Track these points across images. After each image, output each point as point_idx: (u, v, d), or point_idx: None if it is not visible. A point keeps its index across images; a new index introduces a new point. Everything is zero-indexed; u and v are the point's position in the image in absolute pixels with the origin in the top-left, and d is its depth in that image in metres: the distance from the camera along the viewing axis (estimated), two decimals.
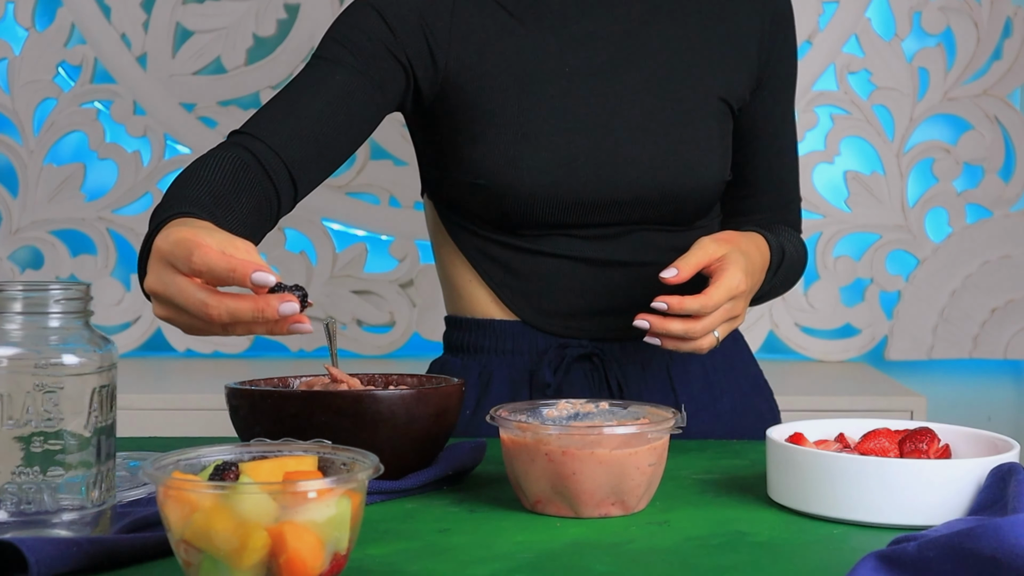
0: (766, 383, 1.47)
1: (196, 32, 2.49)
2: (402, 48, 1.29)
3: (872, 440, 1.01)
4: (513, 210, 1.30)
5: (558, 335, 1.35)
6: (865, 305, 2.51)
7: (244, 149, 1.20)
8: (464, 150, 1.31)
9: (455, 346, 1.41)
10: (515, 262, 1.35)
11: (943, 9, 2.47)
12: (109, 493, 0.85)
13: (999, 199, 2.48)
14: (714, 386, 1.39)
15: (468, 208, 1.34)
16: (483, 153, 1.29)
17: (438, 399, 1.05)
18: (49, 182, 2.47)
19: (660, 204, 1.32)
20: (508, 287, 1.35)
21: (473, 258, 1.37)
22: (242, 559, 0.72)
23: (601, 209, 1.31)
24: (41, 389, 0.81)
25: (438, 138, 1.35)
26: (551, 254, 1.34)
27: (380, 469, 0.78)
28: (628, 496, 0.97)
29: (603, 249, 1.33)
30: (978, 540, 0.70)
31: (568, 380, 1.34)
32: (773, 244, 1.31)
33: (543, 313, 1.35)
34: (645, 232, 1.34)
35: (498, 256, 1.35)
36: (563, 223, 1.32)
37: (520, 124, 1.29)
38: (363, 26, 1.29)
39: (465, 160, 1.31)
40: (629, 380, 1.35)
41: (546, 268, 1.34)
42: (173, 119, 2.48)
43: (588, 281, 1.34)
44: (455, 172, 1.32)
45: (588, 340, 1.35)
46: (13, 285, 0.83)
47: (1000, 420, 2.53)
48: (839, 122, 2.49)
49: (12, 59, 2.47)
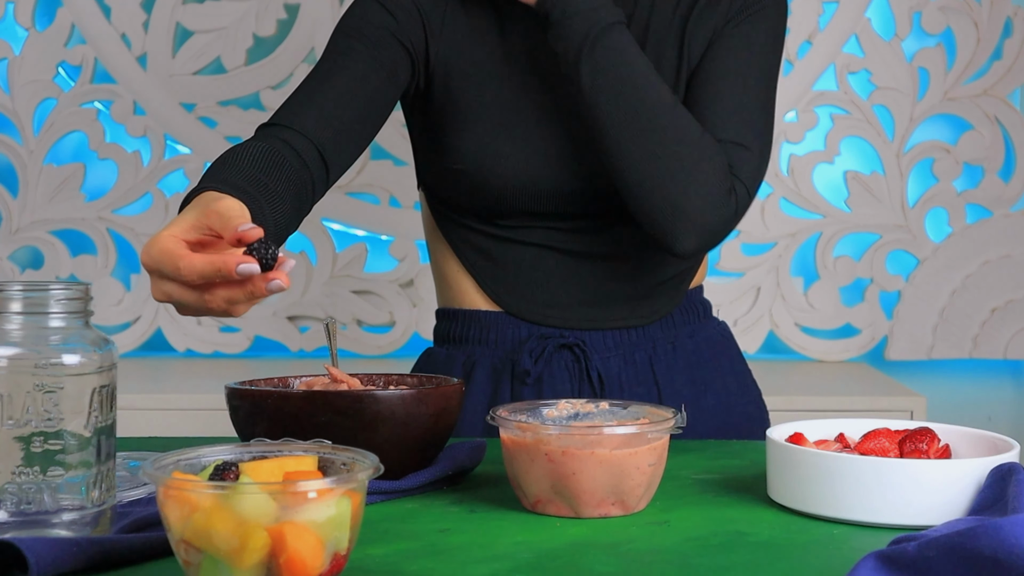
0: (755, 384, 1.47)
1: (196, 32, 2.49)
2: (405, 34, 1.33)
3: (872, 440, 1.01)
4: (492, 198, 1.34)
5: (539, 324, 1.38)
6: (865, 305, 2.51)
7: (275, 138, 1.22)
8: (447, 137, 1.35)
9: (443, 337, 1.45)
10: (496, 251, 1.38)
11: (943, 9, 2.47)
12: (109, 493, 0.85)
13: (999, 199, 2.48)
14: (698, 382, 1.40)
15: (453, 196, 1.38)
16: (463, 140, 1.33)
17: (438, 399, 1.05)
18: (49, 182, 2.47)
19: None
20: (490, 276, 1.39)
21: (458, 248, 1.40)
22: (242, 559, 0.72)
23: (577, 200, 1.34)
24: (41, 389, 0.81)
25: (425, 124, 1.39)
26: (529, 243, 1.37)
27: (380, 469, 0.78)
28: (628, 496, 0.97)
29: (581, 241, 1.36)
30: (978, 540, 0.70)
31: (549, 370, 1.36)
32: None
33: (523, 302, 1.38)
34: (622, 226, 1.35)
35: (480, 245, 1.39)
36: (541, 212, 1.35)
37: (499, 115, 1.33)
38: (368, 17, 1.33)
39: (447, 147, 1.35)
40: (611, 372, 1.37)
41: (524, 257, 1.37)
42: (173, 119, 2.48)
43: (567, 272, 1.37)
44: (439, 159, 1.36)
45: (568, 330, 1.37)
46: (13, 285, 0.83)
47: (1000, 420, 2.53)
48: (839, 122, 2.49)
49: (12, 59, 2.47)
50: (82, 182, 2.48)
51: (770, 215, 2.49)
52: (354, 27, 1.32)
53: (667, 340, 1.40)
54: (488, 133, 1.33)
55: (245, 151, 1.16)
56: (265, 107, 2.48)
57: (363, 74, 1.29)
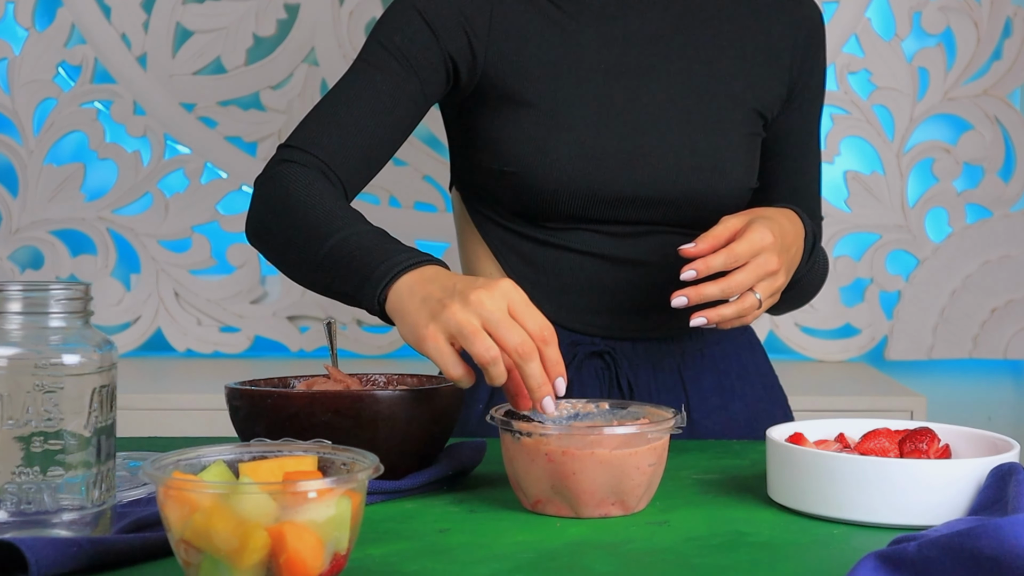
0: (781, 389, 1.46)
1: (196, 32, 2.49)
2: (444, 47, 1.31)
3: (872, 440, 1.01)
4: (537, 200, 1.31)
5: (572, 331, 1.36)
6: (865, 305, 2.51)
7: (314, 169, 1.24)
8: (495, 136, 1.33)
9: None
10: (535, 254, 1.36)
11: (943, 9, 2.47)
12: (109, 493, 0.85)
13: (999, 199, 2.48)
14: (726, 390, 1.39)
15: (494, 197, 1.36)
16: (513, 140, 1.31)
17: (438, 399, 1.05)
18: (49, 182, 2.47)
19: (682, 205, 1.33)
20: (527, 279, 1.36)
21: (497, 249, 1.38)
22: (242, 559, 0.72)
23: (624, 205, 1.32)
24: (41, 389, 0.81)
25: (471, 125, 1.36)
26: (571, 248, 1.34)
27: (380, 469, 0.78)
28: (628, 496, 0.97)
29: (622, 247, 1.34)
30: (978, 540, 0.70)
31: (579, 378, 1.34)
32: (804, 218, 1.29)
33: (559, 308, 1.35)
34: (665, 234, 1.34)
35: (519, 248, 1.37)
36: (585, 217, 1.33)
37: (552, 114, 1.31)
38: (406, 29, 1.30)
39: (495, 146, 1.32)
40: (640, 380, 1.35)
41: (565, 262, 1.35)
42: (173, 119, 2.48)
43: (606, 278, 1.35)
44: (485, 159, 1.34)
45: (600, 338, 1.36)
46: (13, 285, 0.83)
47: (1000, 420, 2.53)
48: (839, 122, 2.49)
49: (12, 59, 2.47)
50: (82, 182, 2.48)
51: None
52: (390, 38, 1.30)
53: (696, 349, 1.39)
54: (538, 132, 1.30)
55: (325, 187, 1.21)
56: (265, 107, 2.48)
57: (394, 95, 1.28)
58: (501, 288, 1.00)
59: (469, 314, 0.98)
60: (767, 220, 1.18)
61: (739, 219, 1.18)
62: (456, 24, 1.31)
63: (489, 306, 0.98)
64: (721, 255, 1.14)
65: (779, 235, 1.18)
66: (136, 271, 2.50)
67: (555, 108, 1.31)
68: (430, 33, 1.30)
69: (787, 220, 1.23)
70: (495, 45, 1.32)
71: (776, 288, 1.19)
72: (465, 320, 0.98)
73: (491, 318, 0.98)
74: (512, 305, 0.99)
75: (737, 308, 1.16)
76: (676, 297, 1.15)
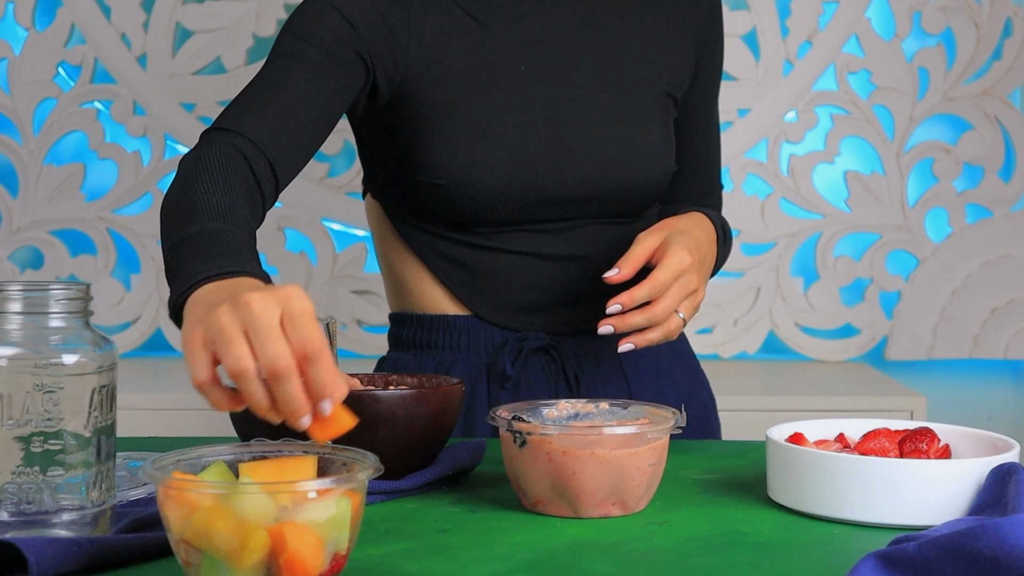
0: (702, 370, 1.49)
1: (196, 32, 2.48)
2: (364, 45, 1.27)
3: (872, 440, 1.01)
4: (471, 209, 1.31)
5: (514, 329, 1.36)
6: (865, 305, 2.51)
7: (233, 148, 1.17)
8: (421, 150, 1.30)
9: (407, 343, 1.40)
10: (469, 258, 1.35)
11: (943, 9, 2.47)
12: (109, 493, 0.85)
13: (999, 199, 2.48)
14: (662, 375, 1.41)
15: (423, 208, 1.34)
16: (441, 153, 1.29)
17: (438, 399, 1.05)
18: (49, 182, 2.47)
19: (613, 198, 1.34)
20: (464, 284, 1.36)
21: (426, 256, 1.37)
22: (242, 559, 0.72)
23: (557, 205, 1.33)
24: (41, 389, 0.81)
25: (393, 138, 1.34)
26: (505, 250, 1.35)
27: (380, 469, 0.78)
28: (628, 496, 0.97)
29: (556, 243, 1.35)
30: (978, 540, 0.70)
31: (526, 373, 1.35)
32: (712, 215, 1.35)
33: (498, 308, 1.36)
34: (595, 225, 1.36)
35: (451, 253, 1.36)
36: (519, 220, 1.33)
37: (478, 123, 1.30)
38: (323, 22, 1.26)
39: (421, 159, 1.30)
40: (585, 371, 1.37)
41: (501, 264, 1.35)
42: (173, 119, 2.48)
43: (542, 275, 1.35)
44: (411, 172, 1.32)
45: (544, 333, 1.36)
46: (13, 285, 0.83)
47: (1000, 420, 2.53)
48: (839, 122, 2.49)
49: (12, 59, 2.47)
50: (82, 182, 2.47)
51: (770, 215, 2.49)
52: (308, 31, 1.25)
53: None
54: (466, 142, 1.29)
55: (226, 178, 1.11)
56: None
57: (315, 85, 1.23)
58: (279, 293, 0.84)
59: (232, 319, 0.82)
60: (682, 236, 1.22)
61: (655, 237, 1.22)
62: (378, 23, 1.28)
63: (257, 311, 0.81)
64: (644, 287, 1.18)
65: (695, 251, 1.22)
66: (136, 271, 2.50)
67: (481, 116, 1.30)
68: (348, 26, 1.26)
69: (700, 230, 1.28)
70: (414, 51, 1.29)
71: (697, 303, 1.24)
72: (227, 324, 0.81)
73: (255, 325, 0.81)
74: (284, 312, 0.83)
75: (663, 332, 1.20)
76: (602, 326, 1.19)
